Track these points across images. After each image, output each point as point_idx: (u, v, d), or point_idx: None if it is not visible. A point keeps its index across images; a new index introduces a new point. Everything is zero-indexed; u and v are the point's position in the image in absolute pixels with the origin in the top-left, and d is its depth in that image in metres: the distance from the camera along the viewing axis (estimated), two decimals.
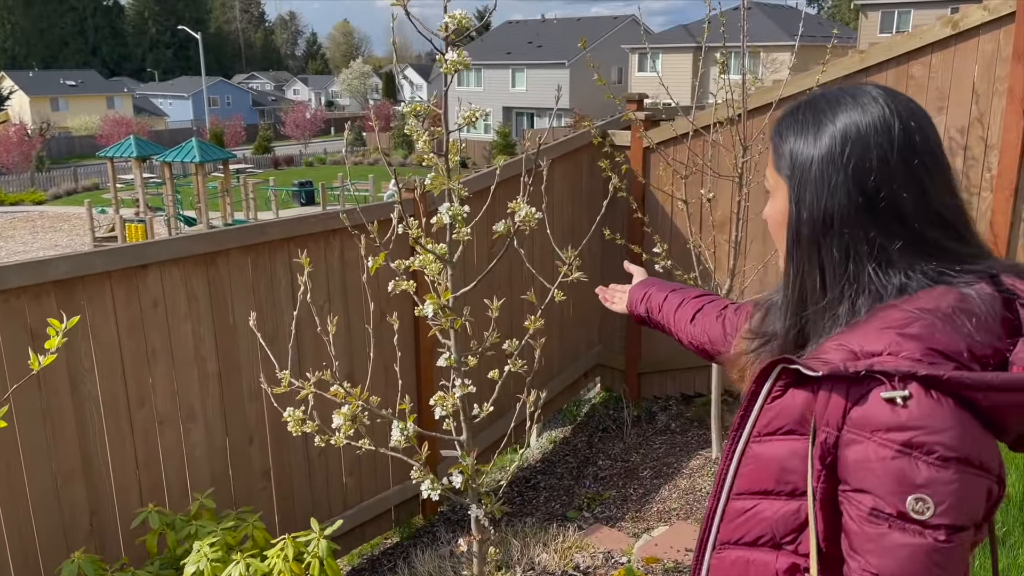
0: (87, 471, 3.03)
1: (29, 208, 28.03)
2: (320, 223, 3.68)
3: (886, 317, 1.03)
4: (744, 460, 1.13)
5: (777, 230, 1.19)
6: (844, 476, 1.00)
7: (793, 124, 1.16)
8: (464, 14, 2.26)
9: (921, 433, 0.94)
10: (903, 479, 0.94)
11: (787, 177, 1.15)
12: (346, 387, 2.47)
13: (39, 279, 2.84)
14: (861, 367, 0.98)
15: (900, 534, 0.95)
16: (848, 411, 0.99)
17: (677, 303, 1.76)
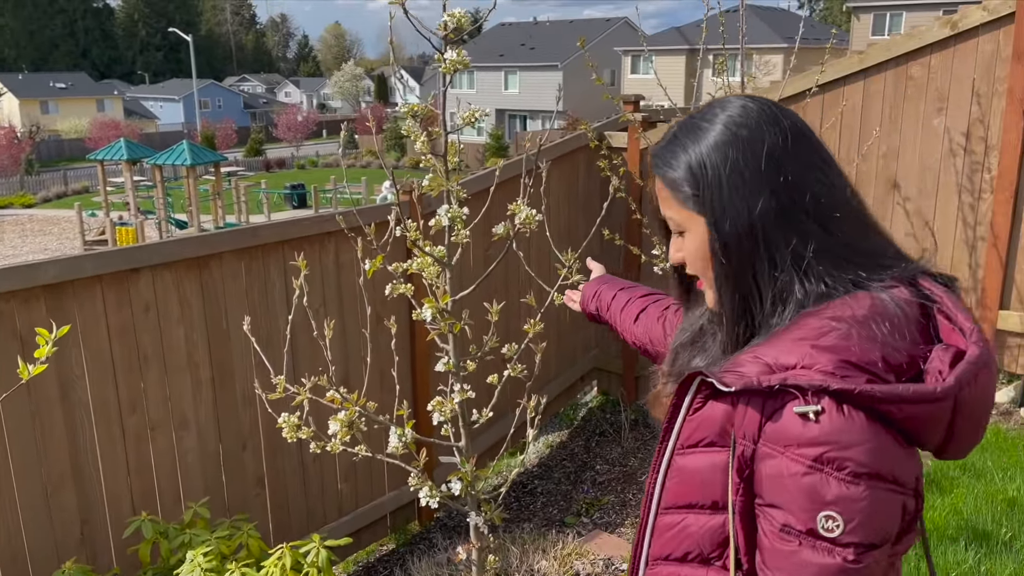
0: (78, 479, 2.97)
1: (18, 212, 27.85)
2: (315, 225, 3.63)
3: (803, 327, 1.02)
4: (669, 473, 1.11)
5: (703, 265, 1.15)
6: (759, 490, 1.00)
7: (680, 152, 1.13)
8: (463, 13, 2.22)
9: (832, 448, 0.93)
10: (814, 496, 0.93)
11: (695, 206, 1.11)
12: (342, 393, 2.42)
13: (28, 283, 2.78)
14: (774, 381, 0.97)
15: (810, 552, 0.94)
16: (763, 425, 0.98)
17: (624, 302, 1.76)
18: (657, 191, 1.18)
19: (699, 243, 1.13)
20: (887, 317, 1.01)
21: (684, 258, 1.18)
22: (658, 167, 1.17)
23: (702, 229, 1.11)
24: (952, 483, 3.40)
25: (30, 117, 54.16)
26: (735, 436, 1.01)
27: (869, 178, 4.61)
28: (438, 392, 2.59)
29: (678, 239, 1.18)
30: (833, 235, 1.05)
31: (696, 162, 1.10)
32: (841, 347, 0.98)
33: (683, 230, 1.15)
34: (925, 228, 4.52)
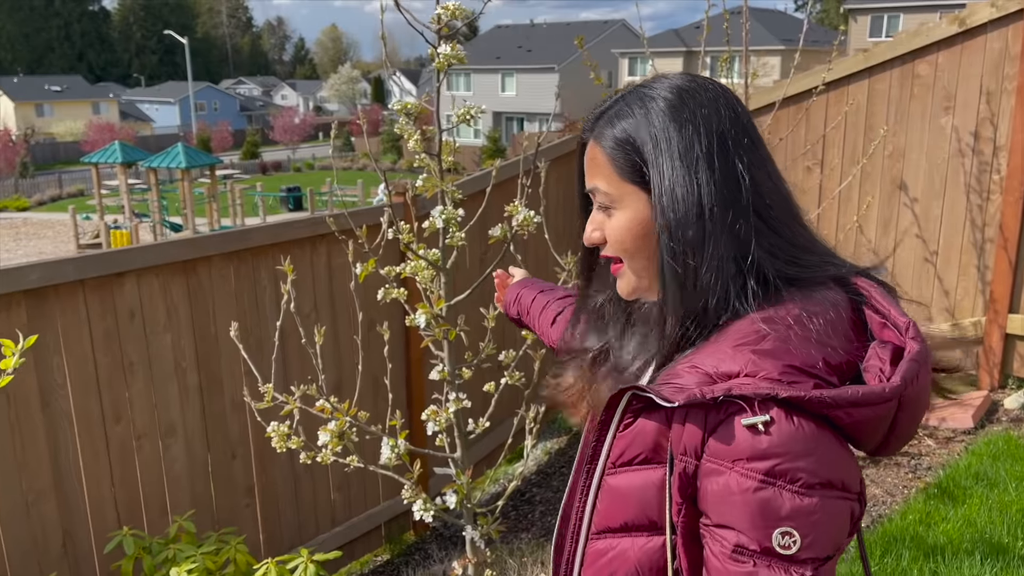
0: (59, 490, 2.87)
1: (12, 215, 27.71)
2: (306, 228, 3.52)
3: (739, 331, 0.95)
4: (600, 496, 1.03)
5: (633, 246, 1.05)
6: (705, 509, 0.92)
7: (627, 119, 1.04)
8: (457, 5, 2.12)
9: (784, 460, 0.87)
10: (767, 512, 0.87)
11: (636, 178, 1.02)
12: (333, 402, 2.32)
13: (8, 288, 2.68)
14: (719, 392, 0.89)
15: (766, 571, 0.87)
16: (706, 439, 0.91)
17: (542, 305, 1.71)
18: (588, 159, 1.08)
19: (632, 221, 1.04)
20: (821, 316, 0.96)
21: (604, 237, 1.08)
22: (596, 133, 1.07)
23: (640, 205, 1.03)
24: (965, 494, 3.31)
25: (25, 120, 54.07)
26: (673, 452, 0.94)
27: (875, 178, 4.52)
28: (433, 401, 2.50)
29: (599, 215, 1.09)
30: (775, 232, 1.00)
31: (647, 132, 1.02)
32: (782, 351, 0.92)
33: (612, 205, 1.06)
34: (932, 229, 4.43)
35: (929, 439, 4.01)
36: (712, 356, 0.95)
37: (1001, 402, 4.29)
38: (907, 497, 3.46)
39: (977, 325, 4.37)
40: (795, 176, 4.74)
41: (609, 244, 1.08)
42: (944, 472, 3.57)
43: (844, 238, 4.63)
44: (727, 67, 3.94)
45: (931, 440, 4.00)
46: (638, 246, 1.05)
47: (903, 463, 3.80)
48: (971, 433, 4.01)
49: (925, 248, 4.46)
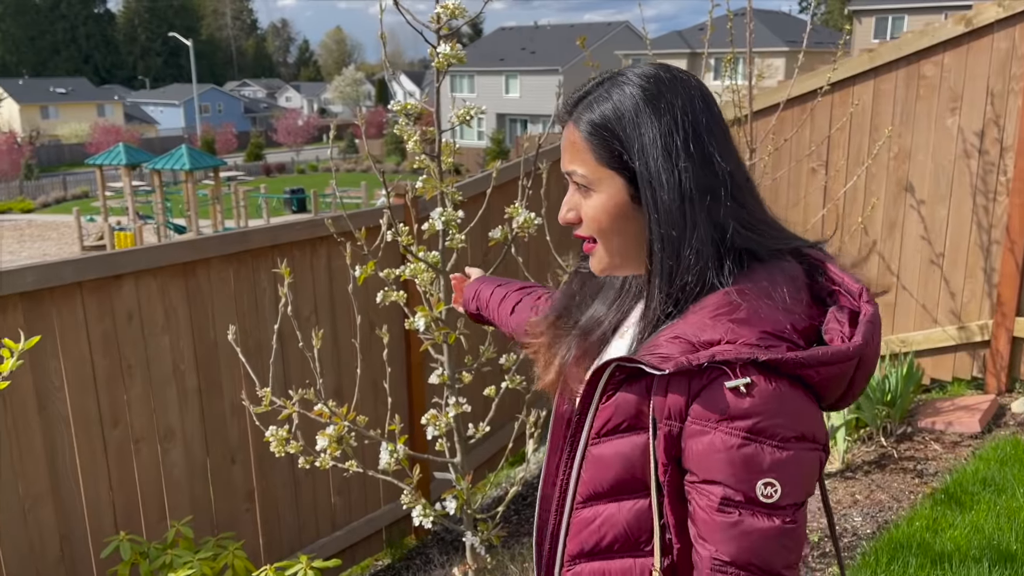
0: (57, 494, 2.84)
1: (17, 217, 27.76)
2: (306, 230, 3.49)
3: (714, 303, 1.03)
4: (584, 465, 1.10)
5: (610, 226, 1.11)
6: (691, 467, 0.99)
7: (605, 103, 1.09)
8: (457, 4, 2.09)
9: (763, 418, 0.95)
10: (751, 466, 0.95)
11: (614, 162, 1.08)
12: (331, 407, 2.30)
13: (5, 291, 2.66)
14: (703, 359, 0.97)
15: (751, 519, 0.95)
16: (690, 403, 0.98)
17: (501, 297, 1.76)
18: (567, 142, 1.13)
19: (608, 203, 1.10)
20: (784, 285, 1.05)
21: (579, 217, 1.14)
22: (575, 117, 1.12)
23: (615, 189, 1.09)
24: (972, 499, 3.26)
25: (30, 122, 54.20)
26: (656, 418, 1.01)
27: (880, 179, 4.48)
28: (432, 405, 2.46)
29: (575, 196, 1.14)
30: (747, 212, 1.08)
31: (626, 120, 1.07)
32: (756, 319, 1.01)
33: (590, 187, 1.11)
34: (938, 231, 4.39)
35: (935, 443, 3.97)
36: (692, 327, 1.02)
37: (1008, 406, 4.25)
38: (913, 503, 3.42)
39: (984, 328, 4.32)
40: (799, 177, 4.71)
41: (584, 224, 1.14)
42: (951, 477, 3.52)
43: (849, 239, 4.59)
44: (731, 68, 3.91)
45: (937, 445, 3.95)
46: (613, 227, 1.11)
47: (909, 468, 3.76)
48: (978, 438, 3.97)
49: (931, 250, 4.42)
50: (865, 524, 3.31)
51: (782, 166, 4.61)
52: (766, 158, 3.93)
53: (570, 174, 1.13)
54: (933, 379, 4.62)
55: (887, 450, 3.93)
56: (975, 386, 4.51)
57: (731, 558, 0.96)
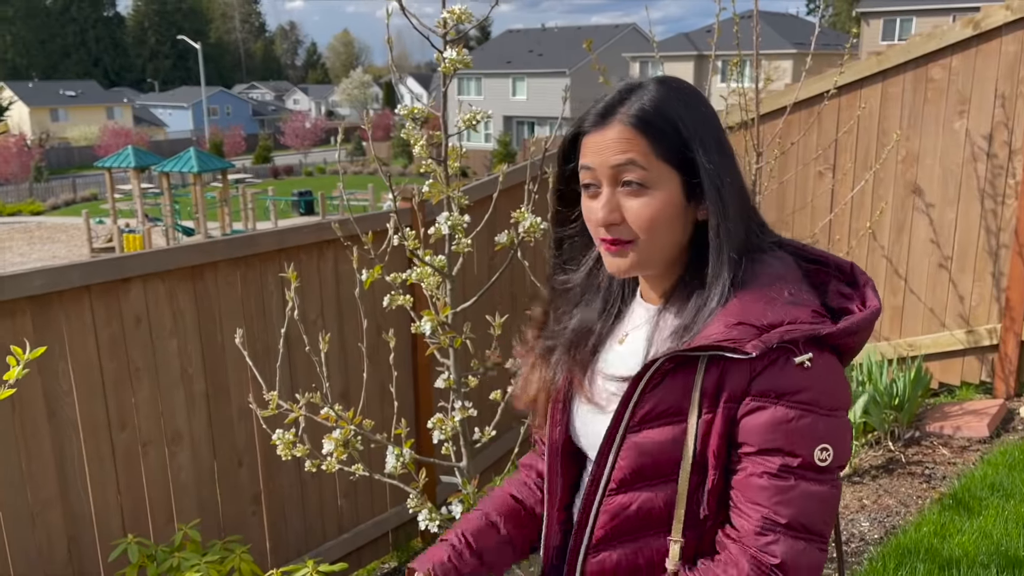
0: (65, 496, 2.85)
1: (27, 219, 27.90)
2: (313, 234, 3.50)
3: (757, 289, 1.08)
4: (622, 453, 1.12)
5: (665, 223, 1.12)
6: (747, 440, 1.05)
7: (661, 103, 1.11)
8: (464, 9, 2.10)
9: (818, 389, 1.03)
10: (810, 434, 1.02)
11: (675, 159, 1.10)
12: (338, 410, 2.30)
13: (13, 294, 2.67)
14: (774, 340, 1.03)
15: (805, 484, 1.02)
16: (751, 383, 1.04)
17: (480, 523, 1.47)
18: (612, 140, 1.11)
19: (666, 202, 1.11)
20: (793, 271, 1.13)
21: (621, 218, 1.12)
22: (620, 114, 1.12)
23: (673, 187, 1.11)
24: (980, 504, 3.25)
25: (40, 125, 54.51)
26: (707, 402, 1.06)
27: (888, 183, 4.47)
28: (439, 409, 2.47)
29: (615, 196, 1.12)
30: (754, 210, 1.17)
31: (680, 112, 1.11)
32: (803, 300, 1.09)
33: (645, 184, 1.10)
34: (946, 234, 4.37)
35: (944, 448, 3.95)
36: (751, 312, 1.06)
37: (1017, 411, 4.23)
38: (921, 508, 3.41)
39: (992, 332, 4.31)
40: (806, 181, 4.70)
41: (633, 225, 1.12)
42: (959, 482, 3.51)
43: (857, 244, 4.58)
44: (738, 71, 3.90)
45: (945, 449, 3.94)
46: (666, 227, 1.12)
47: (917, 473, 3.74)
48: (986, 442, 3.95)
49: (939, 253, 4.40)
50: (872, 529, 3.30)
51: (789, 169, 4.60)
52: (773, 161, 3.93)
53: (621, 167, 1.11)
54: (941, 383, 4.60)
55: (895, 455, 3.91)
56: (984, 390, 4.49)
57: (785, 519, 1.03)
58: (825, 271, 1.18)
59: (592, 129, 1.14)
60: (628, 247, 1.14)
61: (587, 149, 1.15)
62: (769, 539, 1.03)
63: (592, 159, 1.14)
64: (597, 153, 1.13)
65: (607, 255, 1.16)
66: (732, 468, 1.08)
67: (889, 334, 4.63)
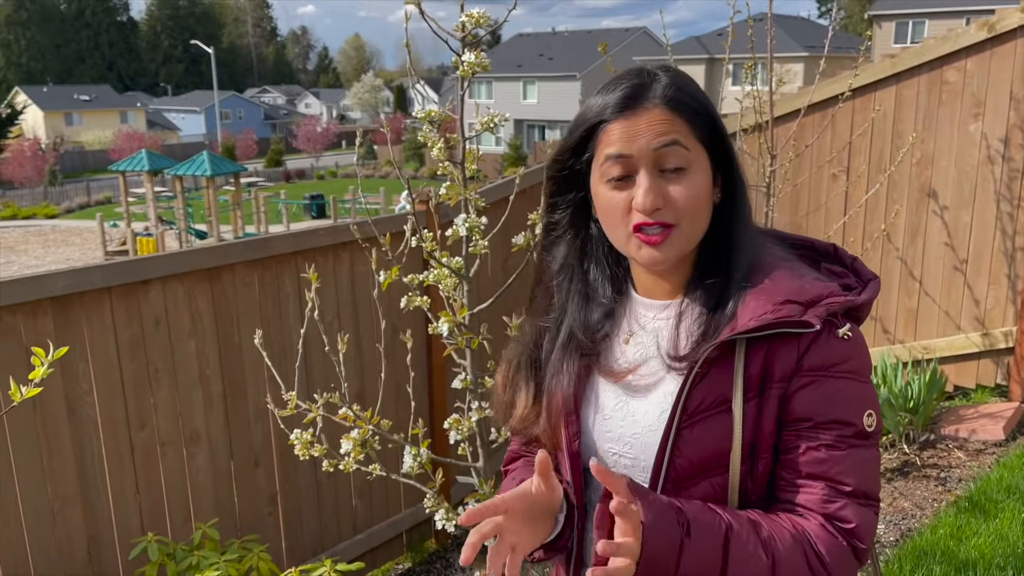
0: (85, 496, 2.89)
1: (42, 222, 28.11)
2: (329, 236, 3.53)
3: (781, 269, 1.10)
4: (678, 451, 1.09)
5: (704, 205, 1.11)
6: (803, 416, 1.05)
7: (692, 88, 1.12)
8: (482, 13, 2.11)
9: (856, 359, 1.06)
10: (858, 401, 1.06)
11: (711, 139, 1.11)
12: (355, 411, 2.32)
13: (35, 295, 2.70)
14: (821, 313, 1.04)
15: (857, 451, 1.05)
16: (801, 359, 1.05)
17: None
18: (655, 123, 1.07)
19: (705, 182, 1.10)
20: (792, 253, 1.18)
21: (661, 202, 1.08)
22: (667, 96, 1.09)
23: (707, 166, 1.11)
24: (996, 507, 3.24)
25: (54, 129, 54.92)
26: (767, 383, 1.06)
27: (902, 186, 4.46)
28: (455, 409, 2.49)
29: (655, 181, 1.07)
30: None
31: (705, 98, 1.13)
32: (823, 277, 1.12)
33: (687, 167, 1.08)
34: (961, 237, 4.36)
35: (959, 451, 3.94)
36: (788, 291, 1.06)
37: None
38: (937, 511, 3.40)
39: (1008, 335, 4.29)
40: (820, 183, 4.70)
41: (676, 209, 1.08)
42: (975, 485, 3.50)
43: (871, 246, 4.57)
44: (751, 74, 3.90)
45: (961, 452, 3.93)
46: (705, 209, 1.11)
47: (932, 476, 3.73)
48: (1002, 445, 3.94)
49: (955, 256, 4.39)
50: (888, 532, 3.29)
51: (803, 172, 4.60)
52: (787, 164, 3.93)
53: (664, 152, 1.07)
54: (956, 386, 4.58)
55: (910, 457, 3.90)
56: (999, 393, 4.47)
57: (849, 487, 1.04)
58: (812, 254, 1.20)
59: (618, 116, 1.09)
60: (669, 234, 1.09)
61: (614, 137, 1.09)
62: (838, 505, 1.05)
63: (626, 146, 1.08)
64: (632, 139, 1.08)
65: (642, 247, 1.10)
66: (784, 447, 1.08)
67: (904, 337, 4.62)
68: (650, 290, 1.20)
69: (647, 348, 1.17)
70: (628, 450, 1.16)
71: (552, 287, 1.27)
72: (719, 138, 1.12)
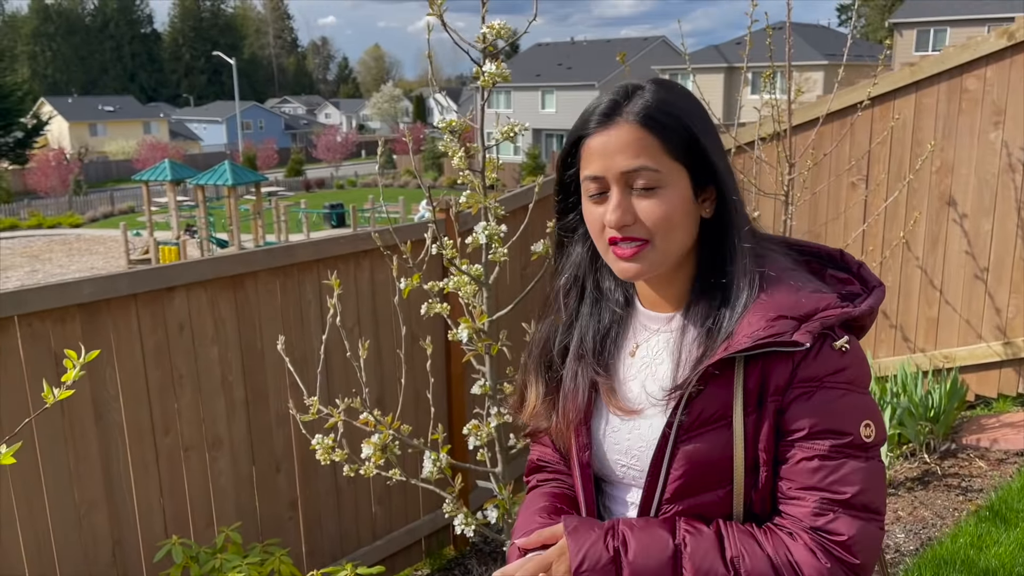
0: (110, 500, 2.93)
1: (66, 231, 28.47)
2: (350, 244, 3.57)
3: (778, 282, 1.09)
4: (675, 464, 1.10)
5: (681, 220, 1.11)
6: (796, 427, 1.05)
7: (669, 103, 1.10)
8: (503, 24, 2.15)
9: (853, 367, 1.06)
10: (854, 411, 1.05)
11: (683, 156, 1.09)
12: (376, 415, 2.35)
13: (63, 302, 2.76)
14: (815, 328, 1.04)
15: (855, 462, 1.04)
16: (795, 372, 1.05)
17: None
18: (623, 142, 1.09)
19: (680, 198, 1.10)
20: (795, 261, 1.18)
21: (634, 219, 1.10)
22: (626, 114, 1.09)
23: (684, 183, 1.10)
24: (1018, 516, 3.22)
25: (79, 139, 55.68)
26: (764, 397, 1.06)
27: (922, 194, 4.45)
28: (474, 415, 2.51)
29: (626, 198, 1.09)
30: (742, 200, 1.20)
31: (691, 115, 1.11)
32: (823, 287, 1.11)
33: (657, 184, 1.09)
34: (982, 246, 4.34)
35: (980, 460, 3.91)
36: (784, 305, 1.07)
37: None
38: (957, 520, 3.38)
39: None
40: (839, 192, 4.69)
41: (648, 225, 1.09)
42: (996, 494, 3.47)
43: (891, 254, 4.56)
44: (770, 82, 3.92)
45: (982, 462, 3.90)
46: (680, 224, 1.11)
47: (953, 485, 3.71)
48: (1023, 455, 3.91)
49: (975, 264, 4.37)
50: (908, 541, 3.28)
51: (821, 180, 4.60)
52: (805, 172, 3.93)
53: (632, 172, 1.09)
54: (978, 395, 4.55)
55: (930, 467, 3.88)
56: (1021, 403, 4.43)
57: (843, 498, 1.03)
58: (818, 261, 1.20)
59: (594, 132, 1.11)
60: (642, 248, 1.10)
61: (591, 154, 1.12)
62: (829, 518, 1.03)
63: (598, 166, 1.11)
64: (604, 157, 1.10)
65: (617, 261, 1.12)
66: (780, 459, 1.08)
67: (924, 345, 4.59)
68: (653, 302, 1.21)
69: (651, 362, 1.19)
70: (635, 463, 1.18)
71: (565, 289, 1.29)
72: (699, 154, 1.10)
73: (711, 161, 1.10)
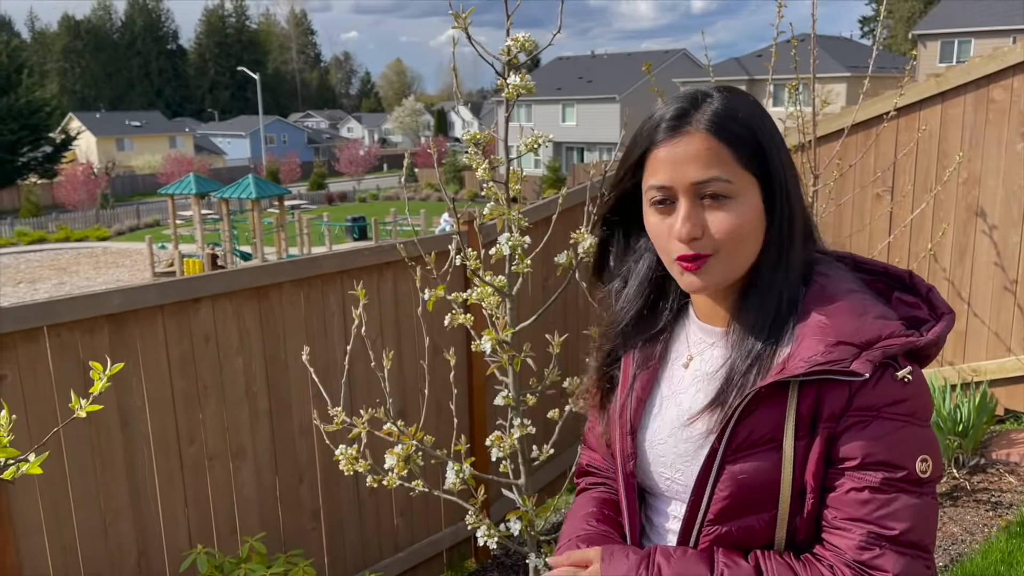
0: (136, 509, 2.96)
1: (93, 244, 28.88)
2: (373, 256, 3.59)
3: (841, 304, 1.05)
4: (720, 484, 1.08)
5: (752, 233, 1.08)
6: (849, 455, 1.02)
7: (739, 112, 1.07)
8: (527, 37, 2.16)
9: (914, 400, 1.02)
10: (910, 445, 1.01)
11: (756, 168, 1.07)
12: (400, 426, 2.36)
13: (92, 312, 2.79)
14: (876, 357, 1.00)
15: (907, 497, 1.00)
16: (851, 399, 1.01)
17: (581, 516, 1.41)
18: (693, 152, 1.05)
19: (752, 210, 1.07)
20: (862, 282, 1.12)
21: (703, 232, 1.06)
22: (697, 122, 1.06)
23: (755, 196, 1.07)
24: None
25: (106, 154, 56.52)
26: (804, 425, 1.03)
27: (949, 205, 4.40)
28: (496, 427, 2.51)
29: (695, 210, 1.06)
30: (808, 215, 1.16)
31: (764, 126, 1.08)
32: (889, 313, 1.06)
33: (730, 195, 1.05)
34: (1011, 257, 4.28)
35: (1010, 476, 3.84)
36: (844, 330, 1.02)
37: None
38: (987, 536, 3.32)
39: None
40: (864, 203, 4.65)
41: (719, 237, 1.06)
42: None
43: (918, 266, 4.51)
44: (794, 95, 3.90)
45: (1012, 477, 3.83)
46: (750, 236, 1.07)
47: (983, 500, 3.65)
48: None
49: (1004, 276, 4.31)
50: (938, 557, 3.23)
51: (846, 192, 4.56)
52: (830, 184, 3.91)
53: (704, 183, 1.05)
54: (1007, 410, 4.48)
55: (959, 482, 3.82)
56: None
57: (892, 533, 1.00)
58: (885, 281, 1.15)
59: (662, 142, 1.08)
60: (706, 261, 1.07)
61: (658, 163, 1.08)
62: (875, 553, 1.00)
63: (666, 176, 1.07)
64: (673, 167, 1.07)
65: (683, 274, 1.10)
66: (828, 486, 1.04)
67: (952, 358, 4.53)
68: (707, 315, 1.19)
69: (704, 376, 1.16)
70: (680, 476, 1.16)
71: (626, 297, 1.26)
72: (769, 164, 1.07)
73: (781, 171, 1.08)
